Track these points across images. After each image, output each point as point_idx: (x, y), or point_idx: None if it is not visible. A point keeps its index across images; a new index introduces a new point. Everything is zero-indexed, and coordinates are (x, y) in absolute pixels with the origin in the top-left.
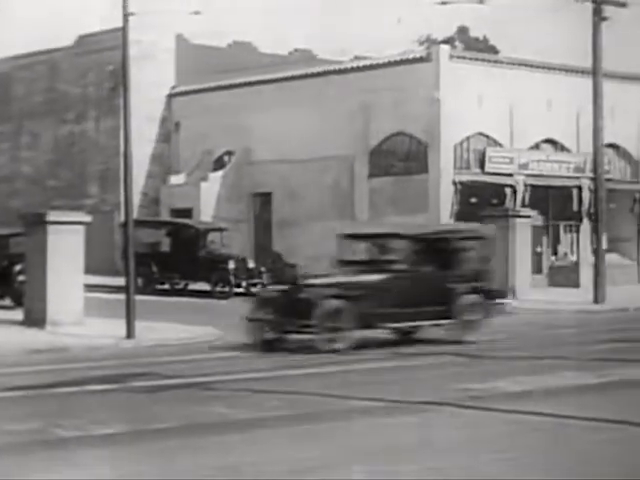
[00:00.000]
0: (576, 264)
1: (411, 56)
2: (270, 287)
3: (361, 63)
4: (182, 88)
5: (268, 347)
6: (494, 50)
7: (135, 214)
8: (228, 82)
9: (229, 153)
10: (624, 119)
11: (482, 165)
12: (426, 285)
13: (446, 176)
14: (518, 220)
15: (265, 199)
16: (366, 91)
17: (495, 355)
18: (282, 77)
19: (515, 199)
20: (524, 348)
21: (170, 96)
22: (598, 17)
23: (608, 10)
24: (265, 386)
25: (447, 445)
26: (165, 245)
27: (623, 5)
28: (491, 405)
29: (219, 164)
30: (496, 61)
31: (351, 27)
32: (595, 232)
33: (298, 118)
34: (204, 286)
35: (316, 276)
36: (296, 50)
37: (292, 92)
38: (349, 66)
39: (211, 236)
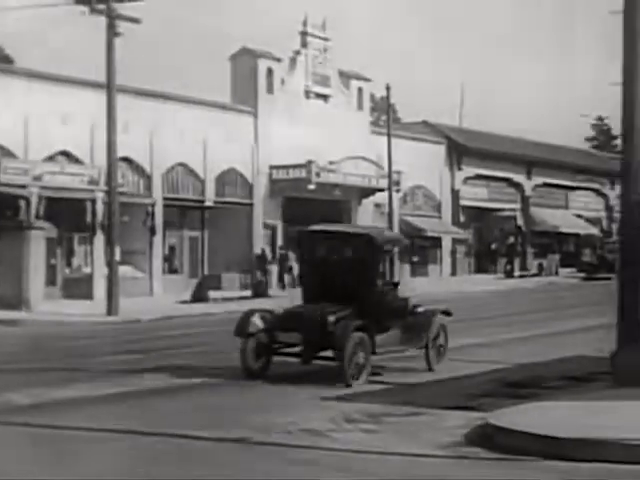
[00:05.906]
0: (90, 276)
1: None
2: None
3: None
4: None
5: None
6: (9, 60)
7: None
8: None
9: None
10: (138, 133)
11: None
12: None
13: None
14: (32, 232)
15: None
16: None
17: (6, 367)
18: None
19: (29, 211)
20: (37, 360)
21: None
22: (112, 32)
23: (123, 26)
24: None
25: None
26: None
27: (136, 21)
28: (4, 419)
29: None
30: (9, 71)
31: None
32: (109, 244)
33: None
34: None
35: None
36: None
37: None
38: None
39: None
